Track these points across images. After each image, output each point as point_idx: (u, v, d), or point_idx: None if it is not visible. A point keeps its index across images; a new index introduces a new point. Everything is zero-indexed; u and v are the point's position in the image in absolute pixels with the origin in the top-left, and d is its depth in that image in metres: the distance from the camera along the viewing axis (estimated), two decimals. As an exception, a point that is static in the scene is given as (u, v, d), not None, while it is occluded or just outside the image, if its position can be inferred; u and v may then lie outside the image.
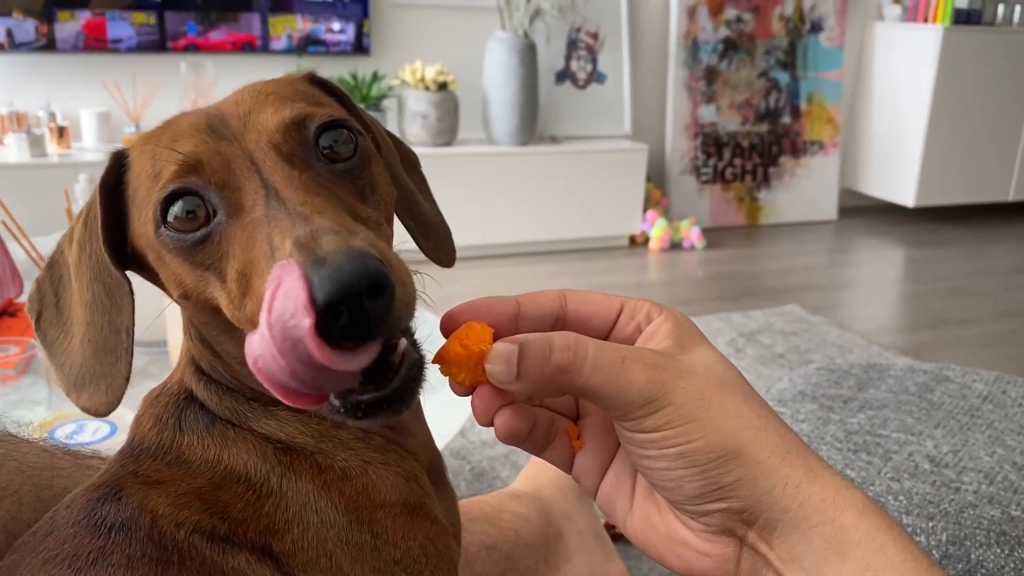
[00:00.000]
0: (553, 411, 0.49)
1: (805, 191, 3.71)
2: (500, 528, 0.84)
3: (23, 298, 1.50)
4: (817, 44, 3.64)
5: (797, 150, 3.68)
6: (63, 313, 0.49)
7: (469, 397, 0.45)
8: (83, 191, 2.11)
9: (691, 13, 3.41)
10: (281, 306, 0.34)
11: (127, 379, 0.47)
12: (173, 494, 0.47)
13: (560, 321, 0.47)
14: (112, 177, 0.48)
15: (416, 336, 0.43)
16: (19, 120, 2.72)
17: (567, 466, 0.49)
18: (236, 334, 0.46)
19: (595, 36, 3.34)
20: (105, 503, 0.46)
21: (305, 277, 0.34)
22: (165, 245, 0.44)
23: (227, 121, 0.46)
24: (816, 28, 3.62)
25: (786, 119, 3.65)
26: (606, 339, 0.47)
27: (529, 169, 3.06)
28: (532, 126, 3.10)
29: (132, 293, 0.47)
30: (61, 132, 2.69)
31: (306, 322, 0.34)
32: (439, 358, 0.43)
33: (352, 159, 0.46)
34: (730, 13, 3.48)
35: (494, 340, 0.43)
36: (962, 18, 3.49)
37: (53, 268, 0.51)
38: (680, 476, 0.42)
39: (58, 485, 0.55)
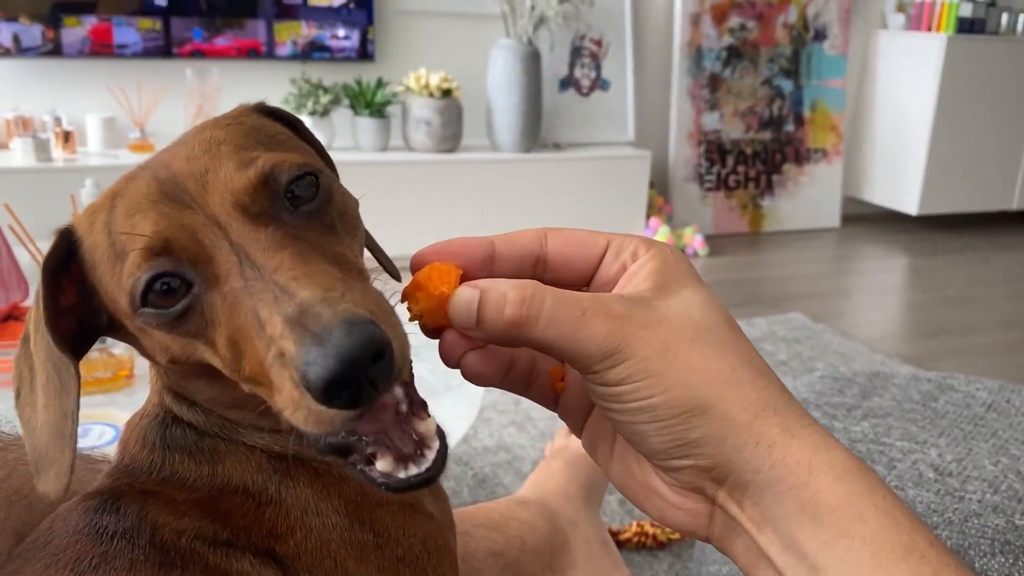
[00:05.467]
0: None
1: (808, 199, 3.71)
2: (507, 535, 0.84)
3: (28, 302, 1.51)
4: (821, 52, 3.64)
5: (800, 158, 3.68)
6: (35, 392, 0.47)
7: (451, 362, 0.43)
8: (88, 196, 2.11)
9: (695, 21, 3.42)
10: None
11: (71, 467, 0.43)
12: (172, 504, 0.47)
13: (540, 263, 0.44)
14: (57, 257, 0.45)
15: (416, 382, 0.43)
16: (25, 125, 2.73)
17: (551, 406, 0.48)
18: (221, 383, 0.46)
19: (599, 43, 3.35)
20: (104, 513, 0.46)
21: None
22: (147, 323, 0.43)
23: (182, 184, 0.43)
24: (820, 36, 3.63)
25: (789, 127, 3.66)
26: (590, 280, 0.44)
27: (532, 176, 3.07)
28: (536, 133, 3.11)
29: (78, 376, 0.45)
30: (67, 137, 2.70)
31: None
32: (404, 297, 0.42)
33: (316, 199, 0.45)
34: (734, 21, 3.49)
35: (461, 282, 0.41)
36: (966, 27, 3.50)
37: (26, 345, 0.48)
38: (644, 431, 0.40)
39: (68, 488, 0.56)
